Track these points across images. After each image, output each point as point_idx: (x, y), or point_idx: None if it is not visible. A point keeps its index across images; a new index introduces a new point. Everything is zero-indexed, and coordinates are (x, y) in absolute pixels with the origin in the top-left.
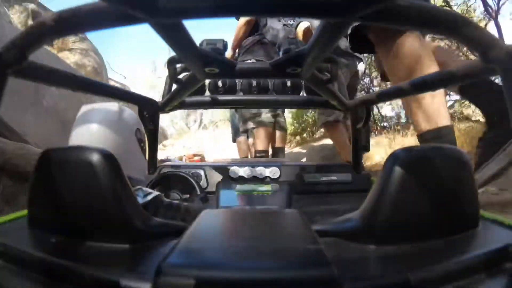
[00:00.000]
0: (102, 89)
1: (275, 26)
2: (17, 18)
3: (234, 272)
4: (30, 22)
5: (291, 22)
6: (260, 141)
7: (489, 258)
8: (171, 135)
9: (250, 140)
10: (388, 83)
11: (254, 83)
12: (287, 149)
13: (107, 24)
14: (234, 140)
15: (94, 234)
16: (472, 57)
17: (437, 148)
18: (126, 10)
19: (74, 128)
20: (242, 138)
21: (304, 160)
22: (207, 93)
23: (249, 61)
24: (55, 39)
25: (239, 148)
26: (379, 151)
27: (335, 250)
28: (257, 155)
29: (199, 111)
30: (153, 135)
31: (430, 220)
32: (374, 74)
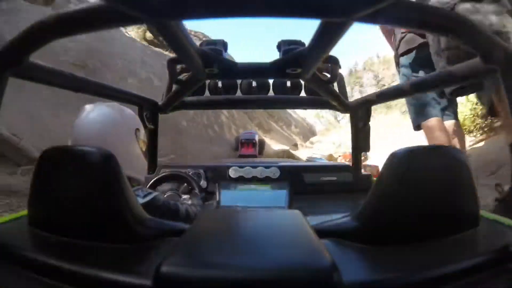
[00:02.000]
0: (102, 90)
1: None
2: None
3: (234, 271)
4: None
5: None
6: None
7: (490, 257)
8: (319, 130)
9: (450, 123)
10: None
11: (254, 83)
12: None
13: (108, 24)
14: (417, 127)
15: (94, 234)
16: None
17: (436, 148)
18: (126, 11)
19: (74, 128)
20: (434, 121)
21: None
22: (207, 93)
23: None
24: (55, 39)
25: (431, 137)
26: None
27: (335, 250)
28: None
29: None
30: (153, 135)
31: (430, 220)
32: None
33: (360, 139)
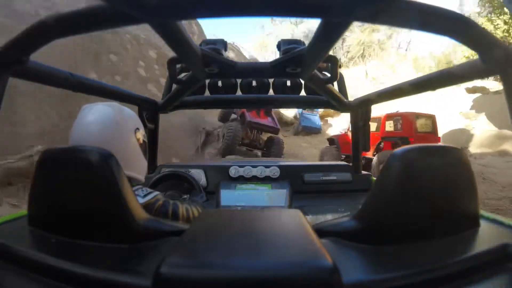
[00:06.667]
0: (102, 90)
1: None
2: None
3: (233, 271)
4: None
5: None
6: None
7: (489, 257)
8: None
9: None
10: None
11: (254, 83)
12: None
13: (108, 24)
14: None
15: (94, 234)
16: None
17: (437, 148)
18: (126, 11)
19: (74, 127)
20: None
21: None
22: (207, 93)
23: None
24: (55, 39)
25: None
26: None
27: (335, 250)
28: None
29: None
30: (153, 135)
31: (430, 220)
32: None
33: (360, 139)
